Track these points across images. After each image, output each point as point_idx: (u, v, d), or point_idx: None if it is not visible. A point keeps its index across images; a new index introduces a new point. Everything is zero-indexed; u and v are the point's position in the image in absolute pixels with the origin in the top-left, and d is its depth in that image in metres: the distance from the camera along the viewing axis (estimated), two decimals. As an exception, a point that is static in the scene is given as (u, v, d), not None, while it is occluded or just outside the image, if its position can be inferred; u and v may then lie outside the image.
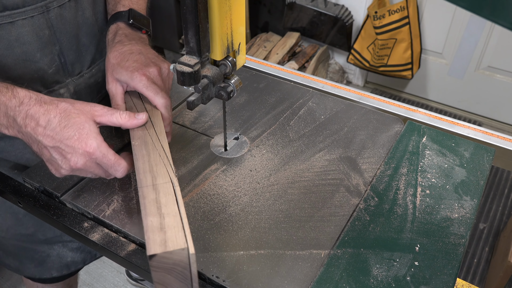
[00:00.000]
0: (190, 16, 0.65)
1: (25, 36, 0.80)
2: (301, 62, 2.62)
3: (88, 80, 0.95)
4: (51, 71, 0.86)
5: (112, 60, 0.81)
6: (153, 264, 0.57)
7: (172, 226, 0.60)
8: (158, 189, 0.66)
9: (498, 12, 0.38)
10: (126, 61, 0.79)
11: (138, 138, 0.74)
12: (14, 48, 0.80)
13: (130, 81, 0.78)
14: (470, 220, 0.75)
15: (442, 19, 2.48)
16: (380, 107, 1.06)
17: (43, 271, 1.05)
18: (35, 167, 0.83)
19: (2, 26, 0.77)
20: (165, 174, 0.68)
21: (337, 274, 0.66)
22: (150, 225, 0.60)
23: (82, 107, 0.69)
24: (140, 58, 0.80)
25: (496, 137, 0.99)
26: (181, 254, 0.57)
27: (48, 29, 0.82)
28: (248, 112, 0.99)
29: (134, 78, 0.77)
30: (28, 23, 0.79)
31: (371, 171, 0.84)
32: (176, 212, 0.62)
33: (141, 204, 0.64)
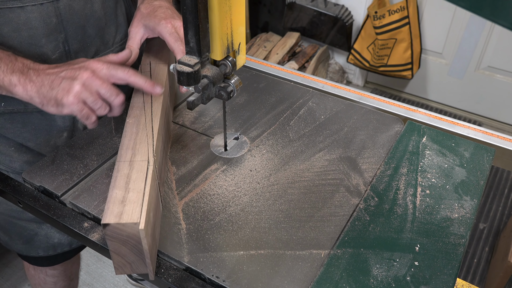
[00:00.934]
0: (190, 16, 0.65)
1: (33, 21, 0.84)
2: (301, 62, 2.62)
3: None
4: (54, 57, 0.89)
5: (143, 10, 0.91)
6: (107, 233, 0.60)
7: (133, 201, 0.62)
8: (133, 166, 0.68)
9: (498, 12, 0.38)
10: (155, 11, 0.89)
11: (133, 117, 0.78)
12: (21, 31, 0.83)
13: (156, 26, 0.87)
14: (470, 220, 0.75)
15: (442, 19, 2.48)
16: (380, 107, 1.06)
17: (30, 249, 1.09)
18: (35, 167, 0.83)
19: (12, 9, 0.81)
20: (145, 153, 0.70)
21: (337, 274, 0.66)
22: (113, 197, 0.63)
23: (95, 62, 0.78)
24: (168, 12, 0.90)
25: (496, 137, 0.99)
26: (133, 228, 0.59)
27: (56, 17, 0.86)
28: (248, 112, 0.99)
29: (160, 24, 0.86)
30: (37, 9, 0.83)
31: (371, 171, 0.84)
32: (141, 189, 0.64)
33: (113, 177, 0.67)
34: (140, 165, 0.68)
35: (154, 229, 0.66)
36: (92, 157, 0.85)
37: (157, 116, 0.78)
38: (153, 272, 0.65)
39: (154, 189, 0.68)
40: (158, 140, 0.74)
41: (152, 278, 0.66)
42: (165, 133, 0.83)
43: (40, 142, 0.96)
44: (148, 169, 0.68)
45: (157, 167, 0.71)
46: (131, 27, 0.92)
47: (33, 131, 0.95)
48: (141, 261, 0.63)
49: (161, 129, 0.77)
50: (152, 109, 0.79)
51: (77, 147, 0.87)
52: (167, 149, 0.86)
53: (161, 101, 0.81)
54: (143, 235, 0.59)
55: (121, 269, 0.64)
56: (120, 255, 0.63)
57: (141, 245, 0.60)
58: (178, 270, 0.68)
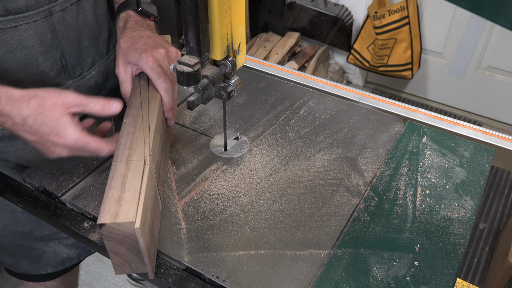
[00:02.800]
0: (190, 16, 0.65)
1: (28, 40, 0.80)
2: (301, 62, 2.62)
3: (88, 82, 0.96)
4: (52, 74, 0.87)
5: (123, 45, 0.84)
6: (103, 233, 0.60)
7: (129, 200, 0.62)
8: (129, 165, 0.68)
9: (498, 12, 0.38)
10: (136, 44, 0.83)
11: (130, 117, 0.77)
12: (16, 51, 0.80)
13: (138, 61, 0.81)
14: (470, 220, 0.75)
15: (442, 19, 2.48)
16: (380, 107, 1.06)
17: (38, 268, 1.06)
18: (35, 167, 0.83)
19: (5, 30, 0.77)
20: (142, 152, 0.70)
21: (337, 274, 0.66)
22: (109, 197, 0.62)
23: (54, 100, 0.69)
24: (149, 42, 0.83)
25: (496, 137, 0.99)
26: (129, 227, 0.59)
27: (51, 33, 0.83)
28: (248, 112, 0.99)
29: (141, 59, 0.80)
30: (31, 27, 0.80)
31: (371, 171, 0.84)
32: (137, 188, 0.63)
33: (109, 177, 0.66)
34: (136, 164, 0.68)
35: (152, 228, 0.66)
36: (92, 157, 0.85)
37: (154, 115, 0.77)
38: (152, 271, 0.65)
39: (152, 188, 0.68)
40: (155, 139, 0.74)
41: (152, 277, 0.66)
42: (164, 132, 0.83)
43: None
44: (145, 168, 0.67)
45: (154, 166, 0.70)
46: (118, 68, 0.85)
47: (35, 152, 0.91)
48: (140, 261, 0.63)
49: (158, 128, 0.77)
50: (149, 108, 0.79)
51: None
52: (166, 148, 0.86)
53: (159, 100, 0.81)
54: (139, 234, 0.59)
55: (121, 269, 0.64)
56: (118, 255, 0.63)
57: (138, 244, 0.60)
58: (178, 270, 0.68)
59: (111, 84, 1.03)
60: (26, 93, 0.69)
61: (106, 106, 0.72)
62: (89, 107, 0.71)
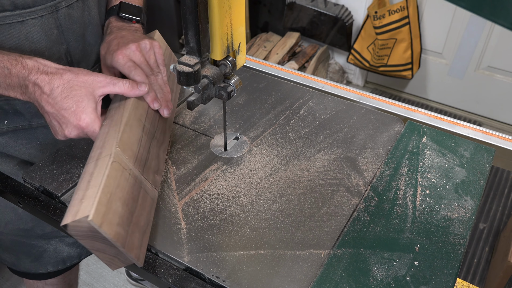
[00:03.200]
0: (190, 16, 0.65)
1: (34, 35, 0.82)
2: (301, 62, 2.62)
3: None
4: None
5: (102, 51, 0.84)
6: (72, 234, 0.59)
7: (90, 196, 0.60)
8: (98, 163, 0.66)
9: (498, 12, 0.38)
10: (110, 47, 0.83)
11: (108, 118, 0.76)
12: (23, 46, 0.81)
13: (112, 63, 0.81)
14: (470, 220, 0.75)
15: (442, 19, 2.48)
16: (380, 107, 1.06)
17: (39, 266, 1.06)
18: (35, 167, 0.83)
19: (12, 25, 0.79)
20: (110, 147, 0.68)
21: (337, 274, 0.66)
22: (74, 198, 0.61)
23: (86, 78, 0.72)
24: (122, 41, 0.83)
25: (496, 137, 0.99)
26: (87, 222, 0.56)
27: (57, 29, 0.84)
28: (248, 112, 0.99)
29: (113, 60, 0.80)
30: (37, 22, 0.81)
31: (371, 171, 0.84)
32: (98, 183, 0.61)
33: (80, 178, 0.66)
34: (104, 160, 0.66)
35: (131, 217, 0.63)
36: (92, 157, 0.85)
37: (128, 109, 0.75)
38: (139, 259, 0.63)
39: (124, 178, 0.65)
40: (127, 132, 0.71)
41: (140, 265, 0.64)
42: (152, 122, 0.81)
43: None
44: (109, 160, 0.65)
45: (128, 156, 0.69)
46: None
47: (39, 147, 0.93)
48: (122, 252, 0.61)
49: (134, 120, 0.75)
50: (125, 105, 0.77)
51: (77, 147, 0.87)
52: (162, 137, 0.84)
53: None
54: (96, 225, 0.56)
55: (113, 265, 0.64)
56: (101, 251, 0.61)
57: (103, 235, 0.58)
58: (178, 270, 0.68)
59: None
60: (62, 67, 0.73)
61: (135, 85, 0.75)
62: (118, 86, 0.74)
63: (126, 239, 0.60)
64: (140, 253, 0.63)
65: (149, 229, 0.68)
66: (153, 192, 0.73)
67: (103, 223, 0.57)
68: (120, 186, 0.64)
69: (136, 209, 0.65)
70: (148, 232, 0.68)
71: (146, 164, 0.73)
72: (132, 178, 0.68)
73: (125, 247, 0.60)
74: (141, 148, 0.73)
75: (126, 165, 0.67)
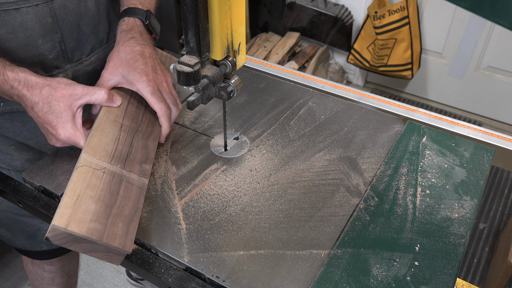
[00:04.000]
0: (190, 16, 0.65)
1: (29, 23, 0.84)
2: (301, 62, 2.62)
3: (86, 68, 0.98)
4: (51, 57, 0.90)
5: (122, 55, 0.83)
6: (59, 244, 0.62)
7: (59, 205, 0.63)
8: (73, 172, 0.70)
9: (498, 12, 0.38)
10: (136, 61, 0.82)
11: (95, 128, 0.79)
12: (17, 32, 0.84)
13: (136, 82, 0.81)
14: (470, 220, 0.75)
15: (442, 19, 2.48)
16: (380, 107, 1.06)
17: (33, 244, 1.10)
18: (35, 167, 0.83)
19: (8, 12, 0.81)
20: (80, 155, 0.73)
21: (337, 274, 0.66)
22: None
23: (63, 92, 0.76)
24: (149, 62, 0.83)
25: (496, 137, 0.99)
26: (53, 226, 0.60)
27: (51, 18, 0.86)
28: (248, 112, 0.99)
29: (141, 82, 0.81)
30: (32, 10, 0.83)
31: (371, 171, 0.84)
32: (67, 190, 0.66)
33: None
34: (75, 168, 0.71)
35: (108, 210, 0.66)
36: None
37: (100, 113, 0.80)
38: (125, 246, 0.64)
39: (98, 177, 0.69)
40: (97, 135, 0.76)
41: (128, 252, 0.64)
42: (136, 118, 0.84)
43: (40, 140, 0.96)
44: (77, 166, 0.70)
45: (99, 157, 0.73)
46: (105, 71, 0.84)
47: (33, 130, 0.95)
48: (109, 246, 0.63)
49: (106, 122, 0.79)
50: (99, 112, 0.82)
51: (77, 147, 0.87)
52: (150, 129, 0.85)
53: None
54: (61, 228, 0.60)
55: (114, 260, 0.66)
56: (93, 251, 0.64)
57: (75, 234, 0.61)
58: (178, 270, 0.68)
59: None
60: (41, 81, 0.76)
61: (111, 97, 0.81)
62: (94, 96, 0.78)
63: (105, 232, 0.63)
64: (127, 240, 0.64)
65: (138, 216, 0.69)
66: (141, 181, 0.75)
67: (70, 223, 0.61)
68: (91, 185, 0.68)
69: (117, 201, 0.68)
70: (136, 219, 0.68)
71: (129, 157, 0.76)
72: (108, 175, 0.71)
73: (105, 239, 0.62)
74: (119, 145, 0.77)
75: (97, 165, 0.72)
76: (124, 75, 0.82)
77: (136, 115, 0.84)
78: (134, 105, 0.86)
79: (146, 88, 0.80)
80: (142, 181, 0.75)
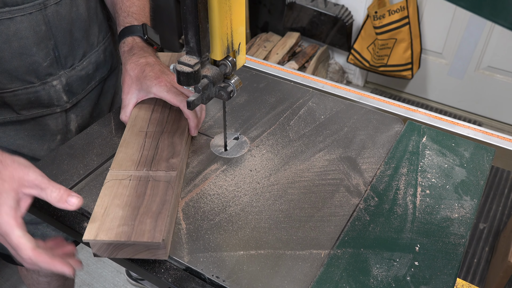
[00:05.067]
0: (190, 16, 0.65)
1: (23, 31, 0.83)
2: (301, 62, 2.62)
3: (79, 72, 0.99)
4: (45, 64, 0.90)
5: (131, 72, 0.86)
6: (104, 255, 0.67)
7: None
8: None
9: (498, 12, 0.38)
10: (144, 71, 0.85)
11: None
12: (11, 42, 0.83)
13: (151, 88, 0.83)
14: (470, 220, 0.75)
15: (442, 19, 2.48)
16: (380, 107, 1.06)
17: None
18: (35, 167, 0.83)
19: (1, 21, 0.81)
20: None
21: (337, 274, 0.66)
22: None
23: (14, 173, 0.64)
24: (156, 68, 0.86)
25: (496, 137, 0.99)
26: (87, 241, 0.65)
27: (45, 25, 0.86)
28: (248, 112, 0.99)
29: (155, 85, 0.83)
30: (26, 19, 0.83)
31: (371, 171, 0.84)
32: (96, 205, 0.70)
33: None
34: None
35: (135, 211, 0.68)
36: (92, 157, 0.85)
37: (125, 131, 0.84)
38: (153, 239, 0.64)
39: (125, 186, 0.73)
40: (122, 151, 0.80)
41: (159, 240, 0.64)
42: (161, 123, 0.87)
43: (34, 147, 0.96)
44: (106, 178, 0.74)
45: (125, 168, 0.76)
46: (123, 94, 0.87)
47: (27, 138, 0.95)
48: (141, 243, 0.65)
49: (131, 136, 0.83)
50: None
51: (77, 147, 0.87)
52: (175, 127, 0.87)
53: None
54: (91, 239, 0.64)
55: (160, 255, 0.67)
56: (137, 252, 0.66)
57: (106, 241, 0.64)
58: (178, 270, 0.68)
59: (100, 75, 1.06)
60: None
61: (65, 197, 0.64)
62: (46, 192, 0.64)
63: (133, 231, 0.65)
64: (155, 232, 0.65)
65: (166, 208, 0.70)
66: (168, 175, 0.75)
67: (99, 234, 0.65)
68: (118, 195, 0.71)
69: (144, 201, 0.70)
70: (164, 211, 0.69)
71: (155, 158, 0.78)
72: (134, 181, 0.74)
73: (133, 238, 0.64)
74: (144, 152, 0.80)
75: (123, 175, 0.75)
76: (138, 89, 0.86)
77: (161, 119, 0.87)
78: (158, 111, 0.88)
79: (160, 89, 0.82)
80: (169, 175, 0.76)
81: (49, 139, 0.98)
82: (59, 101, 0.96)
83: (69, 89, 0.97)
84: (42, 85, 0.91)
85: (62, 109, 0.97)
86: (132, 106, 0.88)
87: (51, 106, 0.95)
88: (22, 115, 0.92)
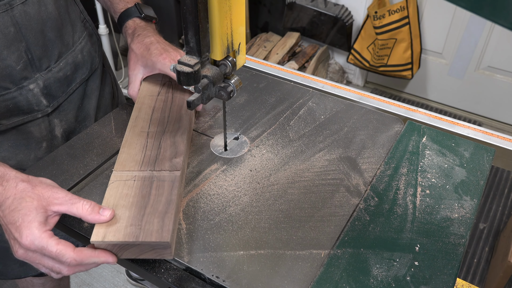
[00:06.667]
0: (190, 16, 0.65)
1: None
2: (301, 62, 2.62)
3: (57, 74, 0.94)
4: (19, 68, 0.86)
5: (137, 51, 0.92)
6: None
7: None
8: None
9: (498, 12, 0.38)
10: (149, 49, 0.90)
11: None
12: None
13: (155, 64, 0.89)
14: (470, 220, 0.75)
15: (442, 19, 2.48)
16: (380, 107, 1.06)
17: (28, 270, 1.06)
18: (35, 167, 0.83)
19: None
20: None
21: (337, 274, 0.66)
22: None
23: (43, 192, 0.65)
24: (160, 46, 0.91)
25: (496, 137, 0.99)
26: (91, 242, 0.65)
27: (13, 27, 0.82)
28: (248, 112, 0.99)
29: (159, 62, 0.88)
30: None
31: (371, 171, 0.84)
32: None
33: None
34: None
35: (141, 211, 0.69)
36: (92, 157, 0.85)
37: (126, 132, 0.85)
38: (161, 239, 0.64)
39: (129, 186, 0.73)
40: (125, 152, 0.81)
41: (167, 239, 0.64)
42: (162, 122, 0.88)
43: (20, 158, 0.93)
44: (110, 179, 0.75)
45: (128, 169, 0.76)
46: (129, 71, 0.93)
47: (11, 149, 0.92)
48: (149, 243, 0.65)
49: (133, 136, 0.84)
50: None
51: (77, 147, 0.87)
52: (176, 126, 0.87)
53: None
54: (98, 241, 0.64)
55: (166, 255, 0.67)
56: (142, 253, 0.66)
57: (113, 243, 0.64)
58: (178, 270, 0.68)
59: (81, 76, 1.01)
60: (21, 176, 0.66)
61: (96, 210, 0.66)
62: (77, 206, 0.65)
63: (140, 232, 0.65)
64: (163, 232, 0.65)
65: (172, 207, 0.70)
66: (172, 175, 0.76)
67: (106, 235, 0.65)
68: (123, 196, 0.71)
69: (150, 201, 0.71)
70: (171, 210, 0.69)
71: (158, 158, 0.79)
72: (139, 181, 0.74)
73: (141, 238, 0.65)
74: (147, 152, 0.80)
75: (127, 176, 0.75)
76: (143, 65, 0.91)
77: (162, 119, 0.88)
78: (158, 111, 0.90)
79: (164, 65, 0.87)
80: (173, 175, 0.76)
81: (35, 147, 0.94)
82: (39, 105, 0.91)
83: (48, 92, 0.93)
84: (18, 90, 0.87)
85: (44, 114, 0.93)
86: (138, 82, 0.93)
87: (31, 112, 0.91)
88: (3, 125, 0.88)
